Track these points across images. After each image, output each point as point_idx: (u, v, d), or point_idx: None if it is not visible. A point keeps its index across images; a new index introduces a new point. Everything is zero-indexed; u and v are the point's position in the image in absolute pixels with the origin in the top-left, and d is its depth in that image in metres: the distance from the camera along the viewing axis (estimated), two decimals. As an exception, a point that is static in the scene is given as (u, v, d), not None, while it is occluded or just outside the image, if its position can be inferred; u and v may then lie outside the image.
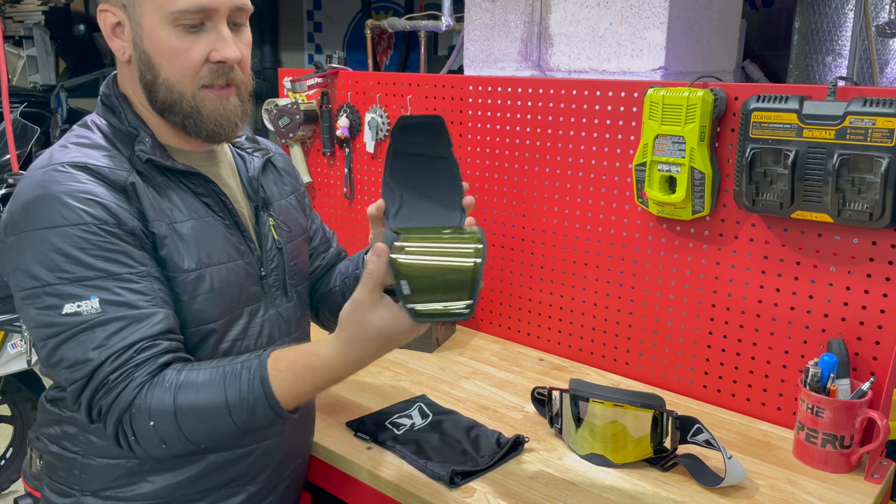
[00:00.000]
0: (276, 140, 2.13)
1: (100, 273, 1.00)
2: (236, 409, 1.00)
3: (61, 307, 0.99)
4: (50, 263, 0.99)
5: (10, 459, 2.83)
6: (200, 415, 1.00)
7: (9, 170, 2.92)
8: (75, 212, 1.01)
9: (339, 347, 0.98)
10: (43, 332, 1.01)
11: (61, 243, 1.00)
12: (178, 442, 1.01)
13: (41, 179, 1.04)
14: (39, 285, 1.00)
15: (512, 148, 1.83)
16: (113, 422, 1.00)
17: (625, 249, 1.67)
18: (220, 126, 1.12)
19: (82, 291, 0.99)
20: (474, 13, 1.94)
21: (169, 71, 1.08)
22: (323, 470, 1.43)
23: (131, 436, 1.01)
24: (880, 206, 1.29)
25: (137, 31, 1.08)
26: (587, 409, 1.36)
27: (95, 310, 0.99)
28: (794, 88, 1.39)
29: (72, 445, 1.15)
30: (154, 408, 0.99)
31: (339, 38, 4.83)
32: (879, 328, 1.37)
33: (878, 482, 1.30)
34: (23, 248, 1.01)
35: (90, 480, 1.14)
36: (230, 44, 1.09)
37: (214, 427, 1.01)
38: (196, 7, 1.05)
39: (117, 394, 0.99)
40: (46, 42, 4.75)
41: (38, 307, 1.00)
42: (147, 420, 0.99)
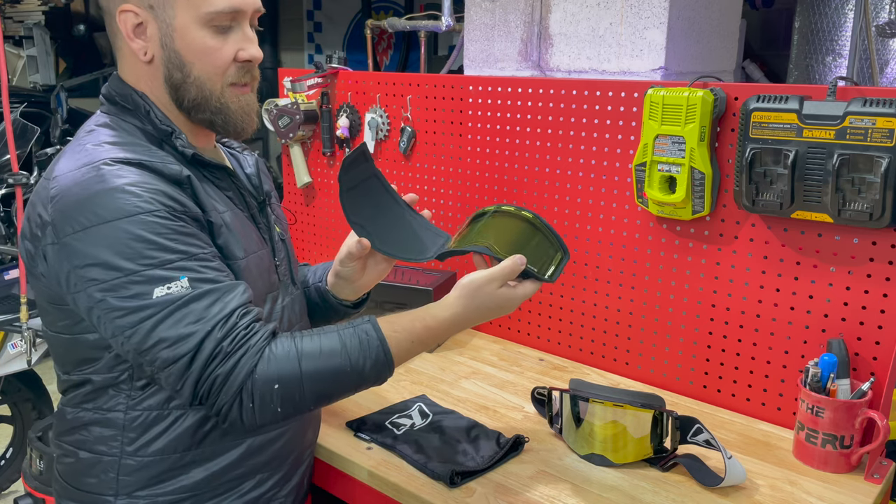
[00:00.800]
0: (276, 140, 2.12)
1: (181, 255, 1.03)
2: (357, 370, 1.09)
3: (151, 292, 1.00)
4: (130, 252, 1.00)
5: (10, 459, 2.83)
6: (328, 378, 1.08)
7: (9, 170, 2.92)
8: (146, 200, 1.02)
9: (460, 311, 1.17)
10: (132, 319, 1.01)
11: (139, 230, 1.01)
12: (296, 404, 1.07)
13: (95, 175, 1.03)
14: (122, 275, 1.00)
15: (512, 148, 1.83)
16: (233, 390, 1.02)
17: (625, 249, 1.67)
18: (244, 121, 1.18)
19: (169, 274, 1.01)
20: (474, 13, 1.94)
21: (201, 70, 1.12)
22: (323, 470, 1.43)
23: (249, 403, 1.03)
24: (880, 206, 1.29)
25: (168, 31, 1.10)
26: (587, 409, 1.36)
27: (185, 288, 1.01)
28: (794, 88, 1.39)
29: (107, 448, 1.13)
30: (281, 373, 1.04)
31: (339, 38, 4.83)
32: (879, 328, 1.37)
33: (878, 482, 1.30)
34: (94, 243, 1.01)
35: (128, 482, 1.14)
36: (254, 43, 1.17)
37: (337, 386, 1.10)
38: (230, 8, 1.11)
39: (236, 360, 1.02)
40: (46, 42, 4.75)
41: (123, 296, 1.00)
42: (272, 384, 1.03)
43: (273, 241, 1.28)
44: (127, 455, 1.13)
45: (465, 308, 1.17)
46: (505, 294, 1.18)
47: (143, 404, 1.12)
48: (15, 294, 2.53)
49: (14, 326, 2.54)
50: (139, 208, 1.02)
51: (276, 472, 1.26)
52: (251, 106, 1.19)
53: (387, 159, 2.10)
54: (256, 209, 1.27)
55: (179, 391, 1.03)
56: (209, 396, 1.03)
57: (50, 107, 3.72)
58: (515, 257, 1.18)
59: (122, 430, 1.13)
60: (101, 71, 4.59)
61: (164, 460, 1.14)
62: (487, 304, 1.17)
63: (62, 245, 1.03)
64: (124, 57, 1.15)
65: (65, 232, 1.03)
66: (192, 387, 1.02)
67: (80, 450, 1.16)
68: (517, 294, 1.19)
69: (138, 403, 1.12)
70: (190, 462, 1.15)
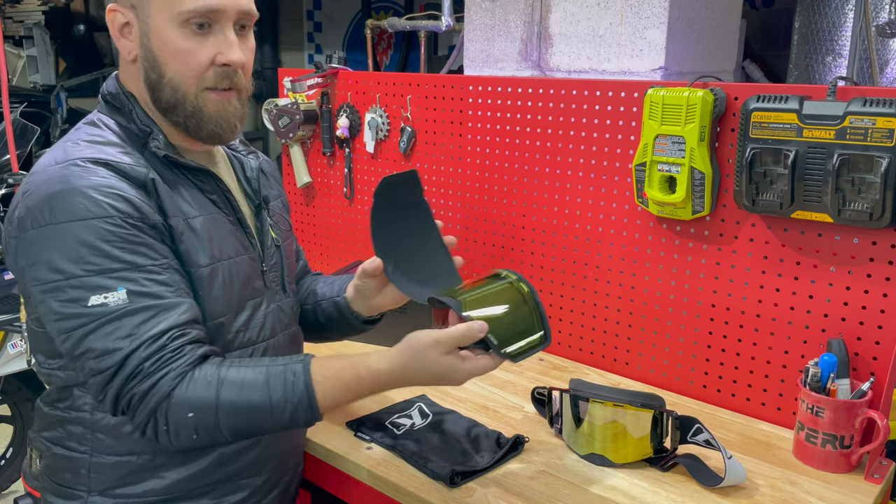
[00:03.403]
0: (276, 140, 2.13)
1: (125, 265, 1.02)
2: (278, 411, 1.05)
3: (87, 299, 1.00)
4: (75, 256, 1.00)
5: (10, 459, 2.83)
6: (243, 412, 1.04)
7: (9, 170, 2.92)
8: (100, 205, 1.02)
9: (397, 367, 1.08)
10: (67, 325, 1.01)
11: (87, 236, 1.00)
12: (211, 434, 1.05)
13: (61, 175, 1.04)
14: (63, 278, 1.00)
15: (512, 148, 1.83)
16: (147, 410, 1.02)
17: (625, 249, 1.67)
18: (220, 127, 1.15)
19: (109, 283, 1.01)
20: (474, 13, 1.94)
21: (174, 71, 1.11)
22: (323, 470, 1.43)
23: (164, 425, 1.03)
24: (880, 206, 1.29)
25: (145, 30, 1.10)
26: (587, 409, 1.36)
27: (122, 300, 1.00)
28: (794, 88, 1.39)
29: (79, 445, 1.14)
30: (196, 400, 1.02)
31: (339, 38, 4.83)
32: (879, 328, 1.37)
33: (878, 482, 1.30)
34: (45, 242, 1.01)
35: (99, 479, 1.14)
36: (235, 48, 1.12)
37: (253, 424, 1.06)
38: (205, 8, 1.08)
39: (154, 382, 1.01)
40: (46, 42, 4.75)
41: (61, 300, 1.01)
42: (186, 411, 1.02)
43: (265, 246, 1.26)
44: (97, 453, 1.13)
45: (404, 366, 1.07)
46: (450, 363, 1.06)
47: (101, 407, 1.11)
48: (15, 294, 2.53)
49: (14, 326, 2.54)
50: (91, 213, 1.01)
51: (255, 478, 1.23)
52: (231, 112, 1.15)
53: (387, 159, 2.10)
54: (252, 213, 1.26)
55: (102, 401, 1.04)
56: (128, 411, 1.03)
57: (50, 107, 3.72)
58: (472, 323, 1.06)
59: (90, 429, 1.13)
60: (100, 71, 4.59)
61: (133, 462, 1.13)
62: (427, 369, 1.06)
63: (20, 240, 1.05)
64: (121, 56, 1.16)
65: (24, 227, 1.04)
66: (113, 401, 1.03)
67: (55, 446, 1.17)
68: (464, 367, 1.06)
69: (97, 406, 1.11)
70: (161, 465, 1.14)
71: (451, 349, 1.06)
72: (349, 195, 2.21)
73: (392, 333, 1.82)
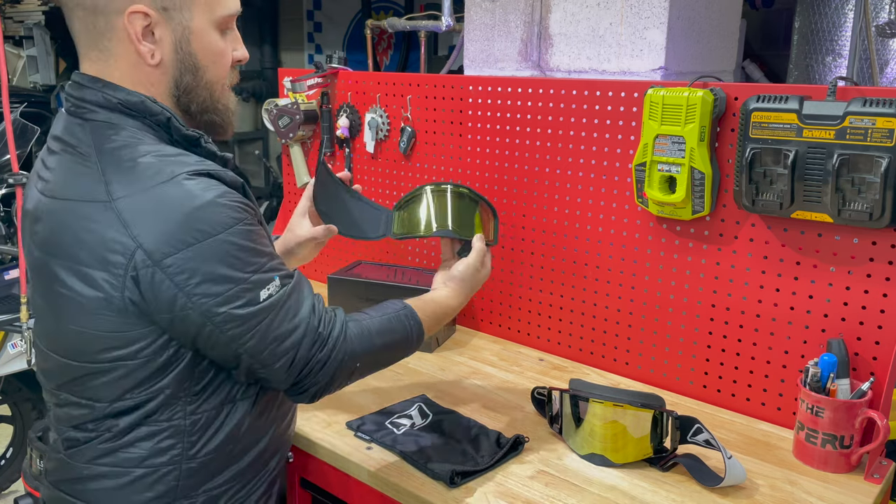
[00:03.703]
0: (276, 140, 2.13)
1: (268, 257, 1.11)
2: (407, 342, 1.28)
3: (258, 297, 1.07)
4: (236, 262, 1.05)
5: (10, 459, 2.83)
6: (392, 349, 1.27)
7: (9, 170, 2.92)
8: (236, 210, 1.06)
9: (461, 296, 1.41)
10: (250, 325, 1.07)
11: (240, 240, 1.05)
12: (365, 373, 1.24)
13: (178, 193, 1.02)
14: (235, 285, 1.05)
15: (512, 148, 1.83)
16: (330, 372, 1.15)
17: (625, 249, 1.67)
18: (234, 122, 1.23)
19: (266, 276, 1.08)
20: (474, 13, 1.94)
21: (213, 72, 1.15)
22: (323, 470, 1.43)
23: (339, 379, 1.17)
24: (880, 206, 1.29)
25: (185, 34, 1.10)
26: (587, 409, 1.36)
27: (278, 286, 1.10)
28: (794, 88, 1.39)
29: (168, 458, 1.12)
30: (361, 352, 1.19)
31: (339, 38, 4.83)
32: (879, 328, 1.37)
33: (877, 482, 1.30)
34: (203, 260, 1.03)
35: (188, 484, 1.14)
36: (243, 45, 1.20)
37: (394, 357, 1.30)
38: (237, 10, 1.16)
39: (332, 345, 1.14)
40: (46, 42, 4.75)
41: (238, 305, 1.05)
42: (356, 363, 1.18)
43: None
44: (188, 459, 1.13)
45: (462, 293, 1.41)
46: (484, 274, 1.44)
47: (201, 407, 1.13)
48: (15, 294, 2.53)
49: (14, 326, 2.54)
50: (235, 219, 1.05)
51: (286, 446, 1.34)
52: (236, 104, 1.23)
53: (387, 159, 2.10)
54: None
55: (284, 379, 1.13)
56: (305, 379, 1.13)
57: (50, 107, 3.72)
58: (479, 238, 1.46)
59: (182, 436, 1.13)
60: (101, 71, 4.58)
61: (220, 455, 1.16)
62: (474, 284, 1.43)
63: (162, 267, 1.01)
64: (114, 59, 1.09)
65: (163, 253, 1.01)
66: (297, 373, 1.12)
67: (130, 468, 1.12)
68: (488, 271, 1.46)
69: (197, 407, 1.13)
70: (242, 451, 1.20)
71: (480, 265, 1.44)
72: (349, 195, 2.21)
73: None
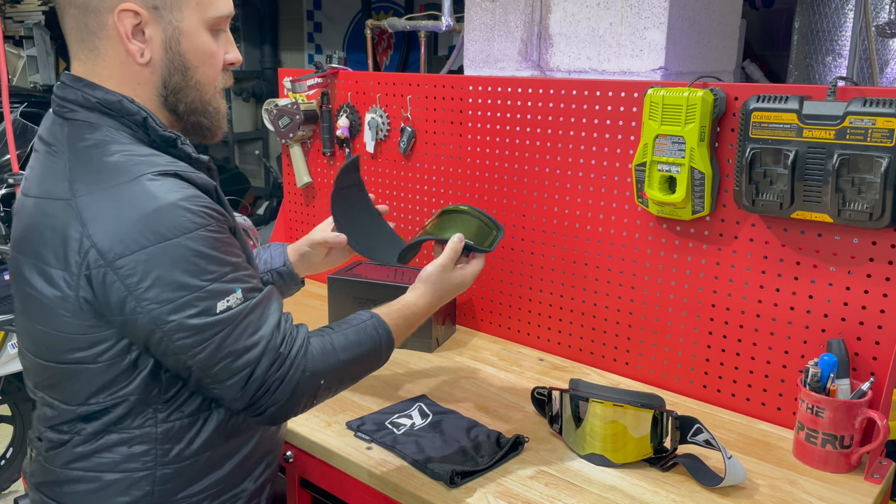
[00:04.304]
0: (276, 140, 2.13)
1: (232, 267, 1.06)
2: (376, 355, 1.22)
3: (215, 307, 1.02)
4: (194, 269, 1.01)
5: (10, 459, 2.83)
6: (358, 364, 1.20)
7: (9, 170, 2.92)
8: (199, 215, 1.02)
9: (432, 298, 1.32)
10: (202, 336, 1.02)
11: (199, 246, 1.01)
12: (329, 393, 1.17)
13: (138, 193, 1.00)
14: (189, 293, 1.01)
15: (512, 148, 1.83)
16: (290, 389, 1.08)
17: (625, 249, 1.67)
18: (224, 125, 1.21)
19: (227, 287, 1.04)
20: (474, 13, 1.94)
21: (204, 73, 1.13)
22: (323, 470, 1.43)
23: (302, 398, 1.10)
24: (880, 206, 1.29)
25: (175, 34, 1.08)
26: (587, 409, 1.36)
27: (240, 299, 1.05)
28: (794, 88, 1.39)
29: (141, 465, 1.12)
30: (325, 368, 1.13)
31: (339, 38, 4.83)
32: (879, 328, 1.37)
33: (877, 482, 1.30)
34: (158, 262, 0.99)
35: (165, 490, 1.13)
36: (235, 47, 1.19)
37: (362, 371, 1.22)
38: (230, 12, 1.15)
39: (291, 363, 1.08)
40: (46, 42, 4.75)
41: (192, 314, 1.01)
42: (319, 380, 1.12)
43: None
44: (162, 465, 1.12)
45: (434, 294, 1.32)
46: (458, 275, 1.35)
47: (173, 415, 1.12)
48: (15, 294, 2.53)
49: (14, 326, 2.54)
50: (196, 224, 1.01)
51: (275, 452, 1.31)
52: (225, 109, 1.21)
53: (387, 159, 2.10)
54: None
55: (238, 398, 1.07)
56: (262, 399, 1.07)
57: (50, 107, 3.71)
58: (454, 237, 1.35)
59: (155, 443, 1.12)
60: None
61: (200, 460, 1.15)
62: (447, 286, 1.33)
63: (114, 268, 1.00)
64: (102, 59, 1.08)
65: (116, 253, 0.99)
66: (253, 392, 1.06)
67: (103, 472, 1.12)
68: (467, 273, 1.35)
69: (169, 415, 1.11)
70: (221, 457, 1.18)
71: (452, 265, 1.34)
72: (349, 195, 2.21)
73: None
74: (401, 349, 1.83)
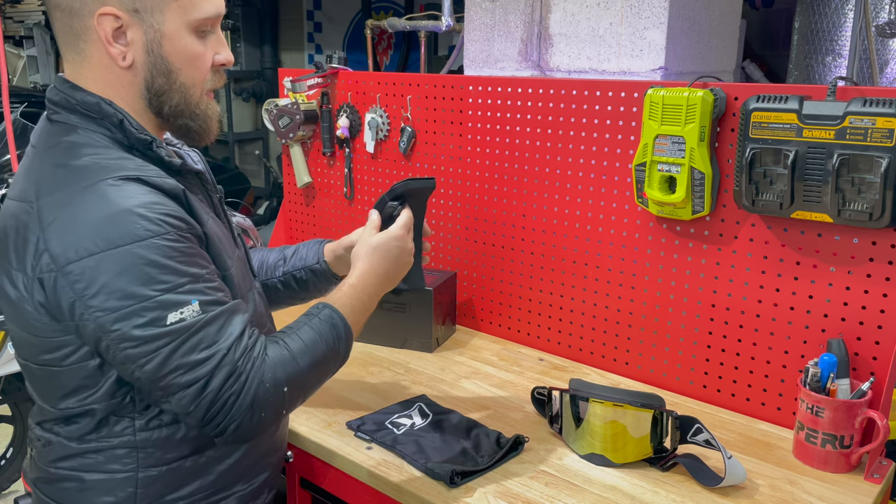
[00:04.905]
0: (277, 140, 2.13)
1: (190, 278, 1.02)
2: (337, 351, 1.17)
3: (165, 318, 0.99)
4: (144, 278, 0.98)
5: (11, 459, 2.83)
6: (321, 366, 1.15)
7: (9, 170, 2.92)
8: (155, 222, 1.00)
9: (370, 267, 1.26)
10: (147, 348, 0.99)
11: (152, 255, 0.98)
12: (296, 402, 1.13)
13: (95, 197, 0.99)
14: (136, 302, 0.98)
15: (512, 148, 1.83)
16: (245, 405, 1.04)
17: (625, 249, 1.67)
18: (215, 127, 1.18)
19: (182, 298, 1.00)
20: (474, 13, 1.94)
21: (187, 76, 1.11)
22: (323, 470, 1.43)
23: (261, 413, 1.05)
24: (880, 206, 1.29)
25: (156, 37, 1.07)
26: (587, 409, 1.36)
27: (197, 312, 1.01)
28: (794, 88, 1.39)
29: (122, 467, 1.11)
30: (286, 377, 1.08)
31: (339, 38, 4.83)
32: (879, 328, 1.37)
33: (877, 482, 1.30)
34: (105, 269, 0.97)
35: (146, 493, 1.13)
36: (227, 47, 1.16)
37: (327, 373, 1.18)
38: (216, 13, 1.11)
39: (247, 376, 1.04)
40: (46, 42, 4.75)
41: (138, 324, 0.98)
42: (281, 389, 1.07)
43: (234, 234, 1.28)
44: (144, 468, 1.12)
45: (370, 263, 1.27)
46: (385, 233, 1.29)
47: (151, 423, 1.11)
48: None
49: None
50: (151, 232, 0.99)
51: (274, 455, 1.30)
52: (217, 112, 1.19)
53: (387, 159, 2.10)
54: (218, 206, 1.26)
55: (191, 413, 1.03)
56: (218, 416, 1.03)
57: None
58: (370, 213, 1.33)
59: (135, 449, 1.11)
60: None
61: (184, 465, 1.14)
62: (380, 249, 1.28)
63: (64, 273, 0.99)
64: (87, 61, 1.08)
65: (67, 258, 0.98)
66: (206, 408, 1.02)
67: (86, 472, 1.13)
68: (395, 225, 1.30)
69: (147, 423, 1.11)
70: (207, 461, 1.16)
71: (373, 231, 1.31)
72: (349, 195, 2.21)
73: (392, 331, 1.83)
74: (401, 349, 1.83)
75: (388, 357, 1.80)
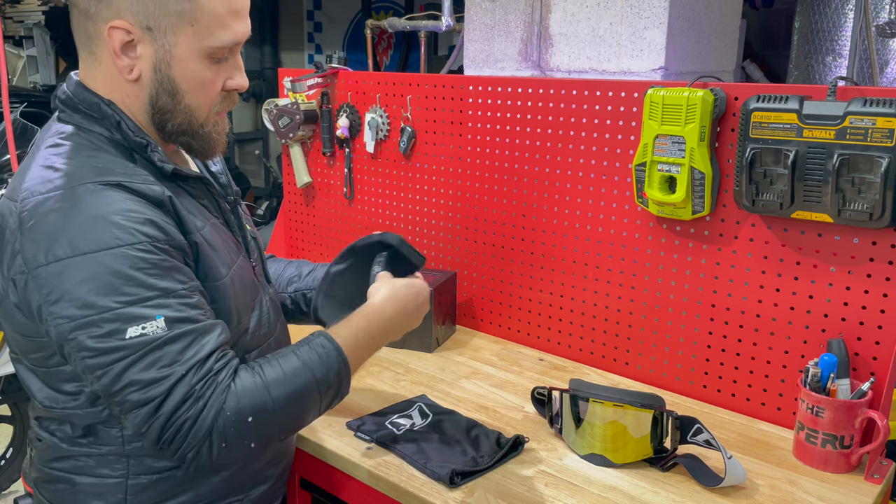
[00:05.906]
0: (276, 140, 2.13)
1: (159, 292, 0.98)
2: (324, 384, 1.09)
3: (124, 332, 0.95)
4: (107, 288, 0.95)
5: (10, 459, 2.83)
6: (297, 399, 1.06)
7: (9, 170, 2.92)
8: (129, 231, 0.96)
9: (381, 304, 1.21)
10: (103, 360, 0.96)
11: (118, 265, 0.95)
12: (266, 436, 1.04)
13: (69, 202, 0.98)
14: (96, 312, 0.95)
15: (512, 148, 1.83)
16: (202, 433, 0.98)
17: (625, 249, 1.67)
18: (220, 144, 1.17)
19: (146, 312, 0.96)
20: (474, 13, 1.94)
21: (193, 99, 1.09)
22: (323, 470, 1.43)
23: (221, 442, 0.99)
24: (880, 206, 1.29)
25: (165, 57, 1.05)
26: (587, 409, 1.36)
27: (161, 329, 0.96)
28: (794, 88, 1.39)
29: (112, 472, 1.11)
30: (252, 406, 1.01)
31: (339, 38, 4.83)
32: (879, 328, 1.37)
33: (878, 482, 1.30)
34: (69, 276, 0.95)
35: (139, 500, 1.12)
36: (243, 72, 1.13)
37: (306, 407, 1.08)
38: (232, 42, 1.08)
39: (205, 403, 0.98)
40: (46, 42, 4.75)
41: (95, 335, 0.95)
42: (245, 418, 1.00)
43: (246, 241, 1.26)
44: (134, 475, 1.11)
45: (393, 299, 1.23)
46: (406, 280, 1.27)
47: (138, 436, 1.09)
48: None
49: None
50: (120, 241, 0.96)
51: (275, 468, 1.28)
52: (225, 129, 1.18)
53: (387, 159, 2.10)
54: (229, 211, 1.23)
55: (145, 434, 0.99)
56: (174, 441, 0.98)
57: (50, 107, 3.71)
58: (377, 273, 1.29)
59: (124, 456, 1.11)
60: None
61: (175, 474, 1.13)
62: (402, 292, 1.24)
63: (33, 276, 0.97)
64: (99, 64, 1.08)
65: (37, 262, 0.96)
66: (159, 430, 0.98)
67: (78, 475, 1.12)
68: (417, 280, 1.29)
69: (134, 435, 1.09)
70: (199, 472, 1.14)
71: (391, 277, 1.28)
72: (349, 195, 2.21)
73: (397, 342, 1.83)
74: (401, 349, 1.83)
75: (388, 357, 1.80)
